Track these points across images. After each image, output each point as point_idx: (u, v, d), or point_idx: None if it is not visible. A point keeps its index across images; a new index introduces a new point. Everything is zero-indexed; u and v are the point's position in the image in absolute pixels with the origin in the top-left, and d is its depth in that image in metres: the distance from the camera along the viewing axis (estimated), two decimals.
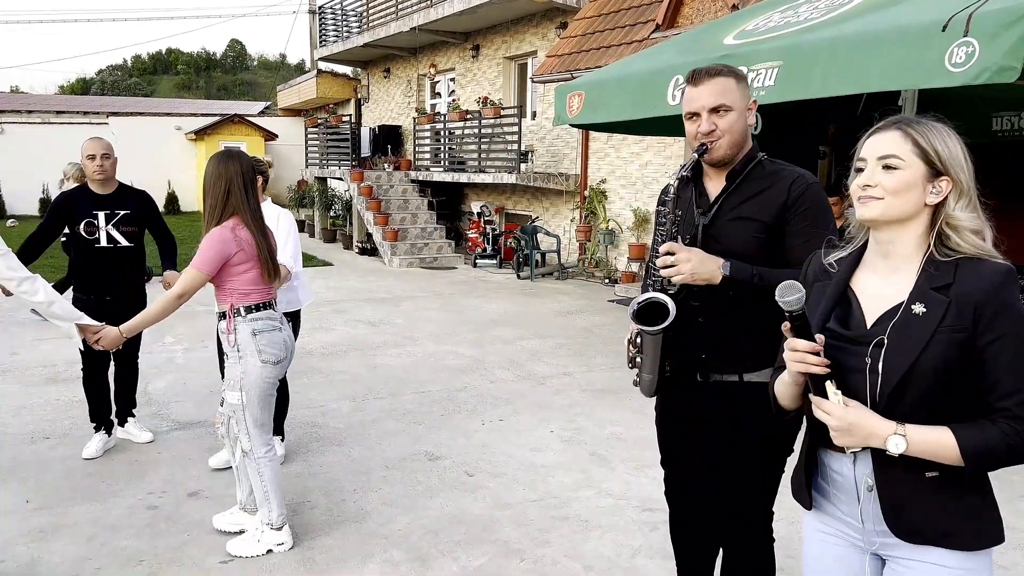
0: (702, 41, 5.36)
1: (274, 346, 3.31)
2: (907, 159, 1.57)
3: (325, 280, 11.54)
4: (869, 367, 1.57)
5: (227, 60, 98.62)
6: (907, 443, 1.50)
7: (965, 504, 1.56)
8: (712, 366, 2.30)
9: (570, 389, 6.00)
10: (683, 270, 2.14)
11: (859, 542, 1.68)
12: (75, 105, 29.27)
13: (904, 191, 1.56)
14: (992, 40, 3.30)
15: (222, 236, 3.19)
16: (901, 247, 1.61)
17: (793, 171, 2.25)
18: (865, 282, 1.66)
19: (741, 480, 2.33)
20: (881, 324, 1.58)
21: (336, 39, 19.83)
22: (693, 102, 2.23)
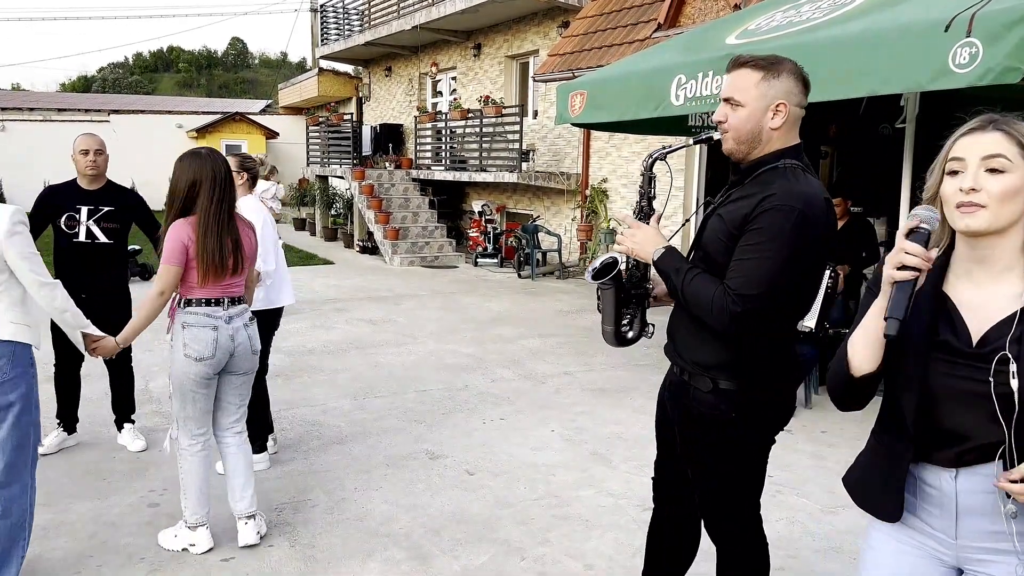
0: (704, 41, 5.36)
1: (199, 343, 3.24)
2: (1015, 161, 1.47)
3: (326, 279, 11.55)
4: (995, 387, 1.45)
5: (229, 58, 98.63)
6: None
7: None
8: (675, 358, 2.34)
9: (571, 388, 6.01)
10: (625, 243, 2.31)
11: (945, 556, 1.61)
12: (76, 103, 29.32)
13: (1012, 196, 1.46)
14: (996, 41, 3.30)
15: (178, 232, 3.21)
16: (1001, 253, 1.51)
17: (781, 187, 2.06)
18: (961, 290, 1.55)
19: (732, 481, 2.33)
20: (995, 340, 1.48)
21: (338, 37, 19.84)
22: (722, 87, 2.22)
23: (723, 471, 2.30)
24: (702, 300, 2.10)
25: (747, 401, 2.19)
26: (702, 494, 2.37)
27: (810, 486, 4.15)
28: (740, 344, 2.16)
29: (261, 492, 3.99)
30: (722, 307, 2.05)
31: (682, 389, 2.30)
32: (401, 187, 15.21)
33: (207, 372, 3.28)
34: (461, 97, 16.05)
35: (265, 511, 3.78)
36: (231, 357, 3.34)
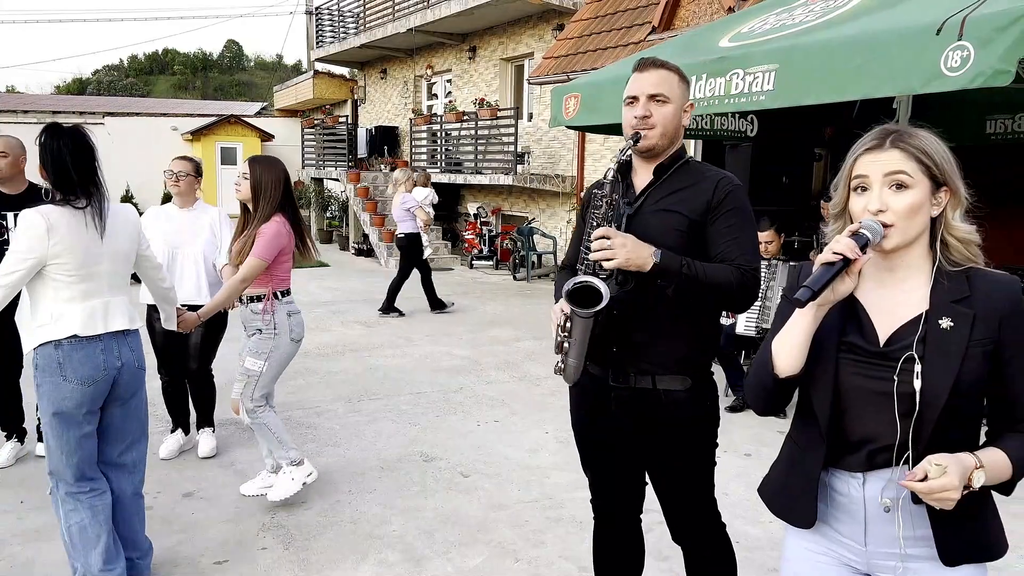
0: (698, 43, 5.37)
1: (300, 327, 3.84)
2: (915, 176, 1.52)
3: (321, 281, 11.54)
4: (898, 386, 1.50)
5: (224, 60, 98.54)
6: (985, 475, 1.46)
7: (990, 512, 1.57)
8: (624, 365, 2.28)
9: (565, 390, 5.96)
10: (618, 255, 2.09)
11: (857, 563, 1.63)
12: (71, 105, 29.25)
13: (916, 211, 1.52)
14: (987, 44, 3.32)
15: (278, 230, 3.62)
16: (908, 260, 1.57)
17: (719, 172, 2.30)
18: (870, 294, 1.60)
19: (684, 483, 2.35)
20: (901, 340, 1.53)
21: (333, 40, 19.83)
22: (634, 86, 2.27)
23: (703, 465, 2.36)
24: (723, 283, 2.15)
25: (712, 393, 2.33)
26: (681, 494, 2.38)
27: None
28: (703, 335, 2.27)
29: (253, 496, 3.99)
30: (743, 284, 2.15)
31: (647, 397, 2.27)
32: None
33: (297, 350, 3.90)
34: (456, 100, 16.05)
35: (259, 514, 3.78)
36: None
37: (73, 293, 2.78)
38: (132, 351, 2.96)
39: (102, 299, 2.84)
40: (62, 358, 2.76)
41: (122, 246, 2.91)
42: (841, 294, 1.54)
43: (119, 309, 2.90)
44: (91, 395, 2.80)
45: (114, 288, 2.89)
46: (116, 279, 2.91)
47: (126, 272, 2.98)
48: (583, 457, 2.55)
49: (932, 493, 1.41)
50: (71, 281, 2.77)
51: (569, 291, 2.15)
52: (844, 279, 1.52)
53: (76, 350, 2.77)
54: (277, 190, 3.68)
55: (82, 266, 2.77)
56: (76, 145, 2.81)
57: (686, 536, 2.45)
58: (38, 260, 2.70)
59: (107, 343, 2.85)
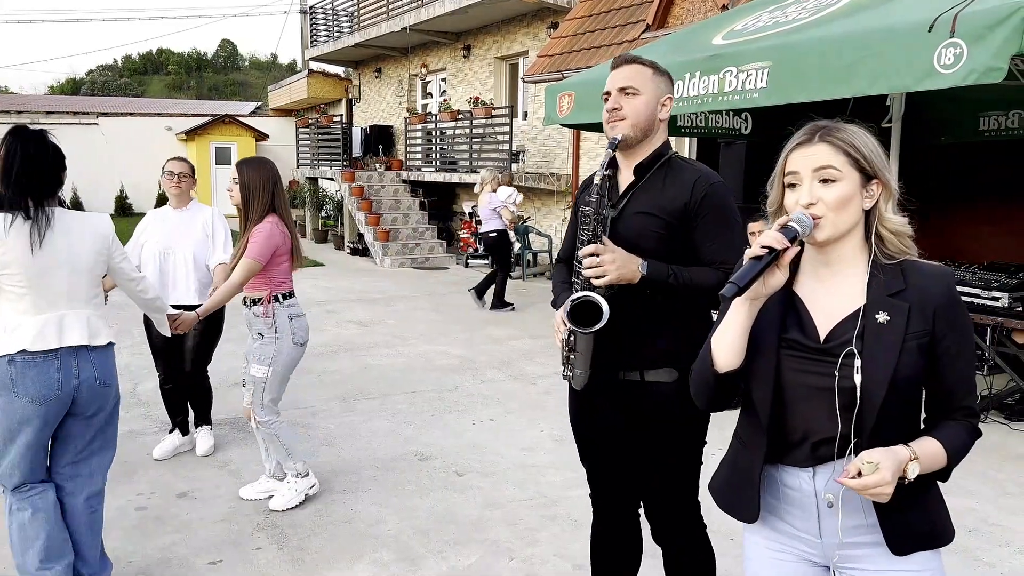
0: (691, 41, 5.38)
1: (303, 330, 3.81)
2: (843, 169, 1.54)
3: (316, 280, 11.52)
4: (839, 382, 1.52)
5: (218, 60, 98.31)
6: (919, 465, 1.48)
7: (934, 502, 1.59)
8: (614, 362, 2.30)
9: (561, 389, 6.01)
10: (608, 271, 2.14)
11: (815, 557, 1.64)
12: (65, 106, 29.15)
13: (846, 204, 1.53)
14: (979, 41, 3.33)
15: (272, 230, 3.60)
16: (844, 254, 1.58)
17: (697, 170, 2.27)
18: (808, 288, 1.61)
19: (668, 477, 2.37)
20: (841, 335, 1.54)
21: (327, 39, 19.80)
22: (608, 83, 2.30)
23: (688, 463, 2.37)
24: (707, 285, 2.18)
25: None
26: (664, 491, 2.38)
27: None
28: (689, 329, 2.24)
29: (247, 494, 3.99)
30: None
31: (636, 390, 2.30)
32: (391, 188, 15.19)
33: (303, 354, 3.85)
34: (451, 98, 16.04)
35: (253, 514, 3.78)
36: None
37: (26, 306, 2.68)
38: (95, 367, 2.79)
39: (57, 313, 2.71)
40: (15, 374, 2.65)
41: (81, 258, 2.76)
42: (773, 287, 1.55)
43: (77, 323, 2.75)
44: (43, 414, 2.69)
45: (73, 302, 2.76)
46: (76, 292, 2.76)
47: (88, 285, 2.81)
48: (580, 451, 2.57)
49: (866, 489, 1.44)
50: (22, 293, 2.67)
51: (569, 310, 2.18)
52: (775, 272, 1.54)
53: (30, 367, 2.65)
54: (266, 191, 3.64)
55: (32, 278, 2.66)
56: (30, 152, 2.68)
57: (666, 535, 2.46)
58: None
59: (64, 360, 2.71)
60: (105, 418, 2.90)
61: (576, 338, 2.26)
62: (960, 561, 3.38)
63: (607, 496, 2.55)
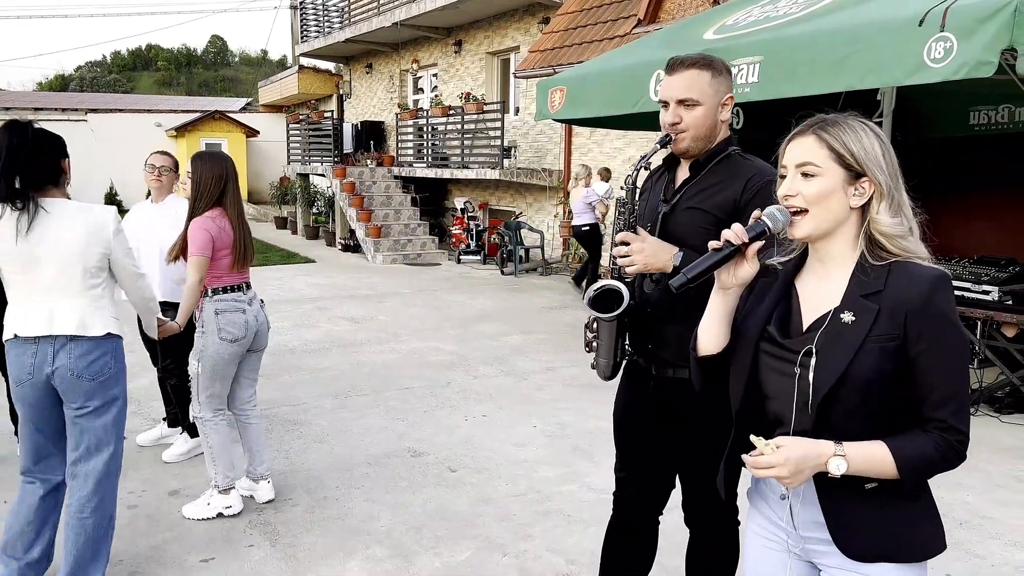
0: (683, 36, 5.37)
1: (233, 326, 3.63)
2: (823, 165, 1.51)
3: (307, 277, 11.49)
4: (798, 376, 1.53)
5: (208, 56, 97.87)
6: (847, 463, 1.46)
7: (908, 514, 1.54)
8: (663, 359, 2.29)
9: (553, 384, 6.01)
10: (636, 260, 2.18)
11: (794, 548, 1.65)
12: (53, 102, 28.99)
13: (825, 199, 1.51)
14: (969, 35, 3.34)
15: (205, 224, 3.57)
16: (835, 251, 1.57)
17: (753, 167, 2.22)
18: (806, 284, 1.62)
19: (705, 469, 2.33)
20: (812, 332, 1.54)
21: (318, 34, 19.73)
22: (664, 90, 2.25)
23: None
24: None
25: None
26: (708, 474, 2.33)
27: None
28: None
29: None
30: None
31: (682, 387, 2.25)
32: (383, 185, 15.16)
33: (239, 351, 3.68)
34: (442, 94, 16.00)
35: (245, 511, 3.76)
36: (255, 336, 3.73)
37: (18, 293, 2.78)
38: (71, 358, 2.78)
39: (47, 301, 2.76)
40: (6, 355, 2.83)
41: (70, 249, 2.76)
42: (743, 279, 1.57)
43: (68, 313, 2.77)
44: (20, 395, 2.81)
45: (66, 291, 2.77)
46: (68, 282, 2.77)
47: (82, 276, 2.80)
48: (619, 445, 2.53)
49: (758, 467, 1.47)
50: (13, 281, 2.77)
51: (592, 297, 2.22)
52: (741, 264, 1.56)
53: (11, 348, 2.79)
54: (217, 187, 3.61)
55: (21, 266, 2.73)
56: (14, 144, 2.71)
57: (697, 520, 2.45)
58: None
59: (41, 347, 2.76)
60: (92, 417, 2.85)
61: (599, 325, 2.28)
62: (950, 554, 3.40)
63: (634, 496, 2.51)
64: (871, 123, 1.57)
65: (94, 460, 2.89)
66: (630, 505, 2.52)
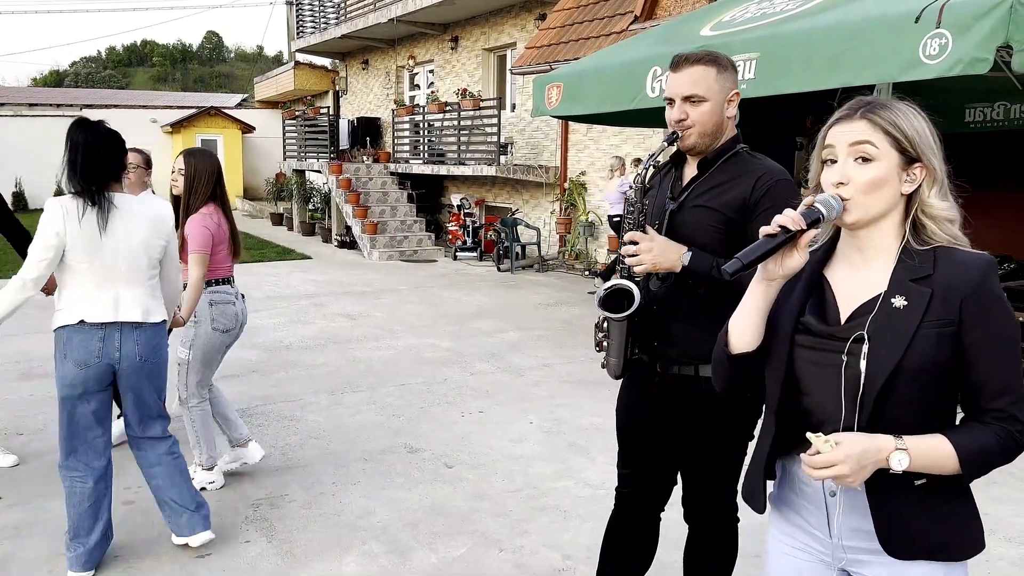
0: (679, 32, 5.37)
1: (225, 317, 3.82)
2: (881, 147, 1.44)
3: (303, 274, 11.48)
4: (845, 366, 1.44)
5: (204, 52, 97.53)
6: (909, 458, 1.38)
7: (955, 511, 1.48)
8: (668, 357, 2.30)
9: (550, 380, 6.02)
10: (644, 260, 2.17)
11: (826, 556, 1.57)
12: (48, 98, 28.87)
13: (880, 186, 1.44)
14: (964, 32, 3.34)
15: (204, 221, 3.70)
16: (877, 239, 1.49)
17: (763, 166, 2.22)
18: (839, 274, 1.54)
19: (710, 467, 2.37)
20: (857, 319, 1.46)
21: (314, 30, 19.69)
22: (670, 87, 2.24)
23: (736, 443, 2.35)
24: None
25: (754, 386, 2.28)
26: (712, 469, 2.37)
27: None
28: None
29: (237, 487, 3.98)
30: None
31: (687, 384, 2.28)
32: (379, 181, 15.14)
33: (229, 341, 3.89)
34: (439, 90, 15.99)
35: (241, 507, 3.76)
36: (240, 328, 3.93)
37: (87, 283, 2.94)
38: (137, 344, 3.03)
39: (113, 290, 2.97)
40: (65, 339, 2.95)
41: (138, 241, 3.01)
42: (790, 269, 1.47)
43: (133, 301, 3.01)
44: (82, 378, 2.95)
45: (130, 281, 3.01)
46: (133, 273, 3.02)
47: (146, 266, 3.06)
48: (621, 442, 2.52)
49: (816, 466, 1.38)
50: (84, 270, 2.93)
51: (602, 297, 2.23)
52: (792, 254, 1.45)
53: (76, 333, 2.94)
54: (211, 182, 3.77)
55: (95, 258, 2.92)
56: (92, 143, 2.94)
57: (699, 519, 2.46)
58: (59, 247, 2.89)
59: (108, 332, 2.97)
60: (150, 392, 3.14)
61: (609, 324, 2.30)
62: None
63: (636, 492, 2.51)
64: (915, 105, 1.50)
65: (157, 424, 3.22)
66: (632, 501, 2.52)
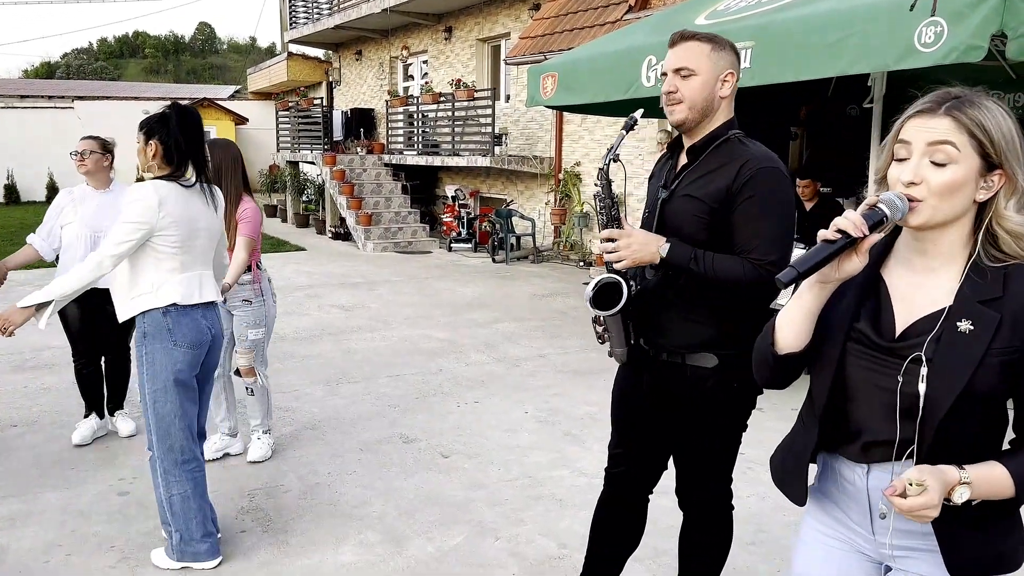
0: (674, 21, 5.35)
1: (275, 293, 4.26)
2: (963, 150, 1.33)
3: (298, 265, 11.45)
4: (902, 385, 1.38)
5: (196, 43, 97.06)
6: (970, 491, 1.34)
7: (1005, 526, 1.45)
8: (657, 344, 2.31)
9: (545, 370, 6.02)
10: (623, 256, 2.16)
11: (867, 550, 1.55)
12: (40, 89, 28.73)
13: (954, 191, 1.34)
14: (959, 19, 3.34)
15: (257, 208, 3.99)
16: (944, 246, 1.39)
17: (749, 152, 2.16)
18: (897, 277, 1.45)
19: (699, 458, 2.38)
20: (915, 335, 1.39)
21: (307, 21, 19.57)
22: (666, 62, 2.23)
23: (726, 434, 2.35)
24: (732, 277, 2.12)
25: (744, 367, 2.26)
26: (702, 458, 2.38)
27: None
28: (733, 316, 2.21)
29: (233, 479, 3.97)
30: (757, 277, 2.09)
31: (675, 371, 2.29)
32: (373, 172, 15.09)
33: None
34: (432, 81, 15.92)
35: (237, 497, 3.76)
36: None
37: (174, 264, 2.99)
38: (216, 322, 3.19)
39: (197, 272, 3.07)
40: (171, 324, 2.97)
41: (216, 225, 3.15)
42: (847, 274, 1.39)
43: (210, 282, 3.12)
44: (195, 359, 3.05)
45: (206, 262, 3.13)
46: (209, 254, 3.14)
47: (216, 247, 3.20)
48: (616, 424, 2.55)
49: (911, 512, 1.32)
50: (173, 253, 2.97)
51: (592, 295, 2.24)
52: (851, 258, 1.37)
53: (183, 315, 3.00)
54: (236, 169, 3.92)
55: (184, 240, 2.99)
56: (189, 125, 3.01)
57: (689, 509, 2.48)
58: (148, 231, 2.90)
59: (204, 312, 3.09)
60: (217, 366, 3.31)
61: (605, 320, 2.29)
62: None
63: (627, 473, 2.52)
64: (1005, 105, 1.39)
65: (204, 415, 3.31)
66: (622, 480, 2.53)
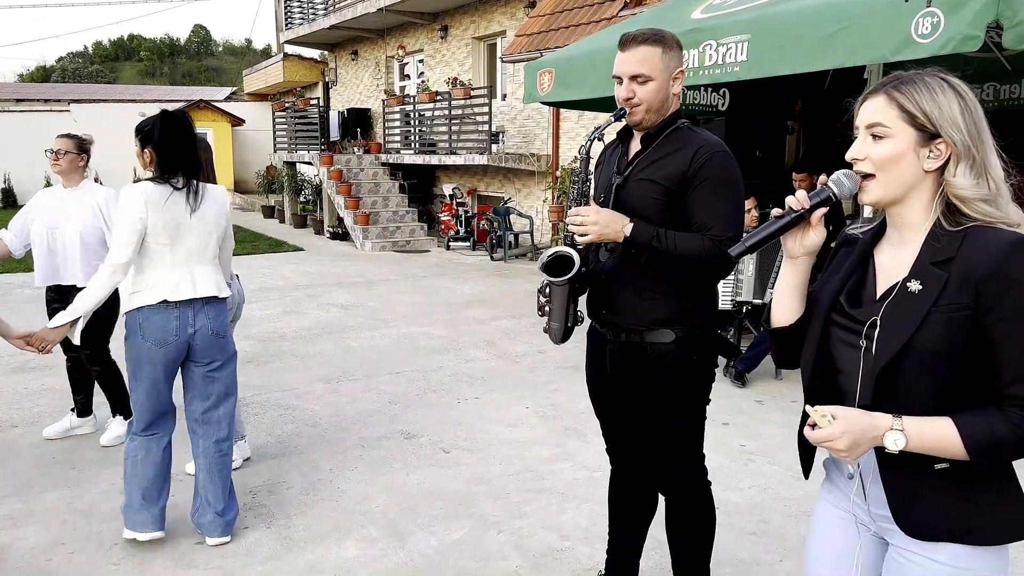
0: (670, 16, 5.36)
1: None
2: (893, 126, 1.43)
3: (296, 265, 11.45)
4: (864, 349, 1.47)
5: (191, 46, 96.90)
6: (906, 439, 1.38)
7: (984, 495, 1.43)
8: (616, 325, 2.41)
9: (545, 366, 6.03)
10: (590, 231, 2.27)
11: (867, 523, 1.58)
12: (35, 93, 28.69)
13: (894, 163, 1.43)
14: (956, 10, 3.35)
15: None
16: (909, 217, 1.48)
17: (701, 139, 2.30)
18: (884, 254, 1.54)
19: (663, 438, 2.46)
20: (881, 302, 1.47)
21: (302, 22, 19.56)
22: (618, 66, 2.33)
23: (690, 411, 2.44)
24: (693, 252, 2.23)
25: (702, 343, 2.38)
26: (668, 437, 2.45)
27: (780, 454, 4.22)
28: (690, 293, 2.34)
29: (235, 477, 3.96)
30: (716, 255, 2.20)
31: (634, 350, 2.39)
32: (370, 172, 15.09)
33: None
34: (429, 80, 15.92)
35: (240, 494, 3.76)
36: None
37: (160, 263, 3.08)
38: (209, 319, 3.19)
39: (189, 269, 3.13)
40: (142, 320, 3.08)
41: (210, 222, 3.19)
42: (810, 247, 1.54)
43: (206, 278, 3.17)
44: (160, 356, 3.10)
45: (202, 260, 3.18)
46: (205, 252, 3.19)
47: (214, 246, 3.23)
48: (595, 409, 2.69)
49: (817, 442, 1.41)
50: (164, 251, 3.07)
51: (545, 262, 2.37)
52: (807, 232, 1.52)
53: (154, 313, 3.07)
54: (212, 171, 3.74)
55: (177, 240, 3.08)
56: (177, 131, 3.10)
57: (668, 487, 2.55)
58: (143, 228, 3.01)
59: (182, 311, 3.12)
60: (222, 368, 3.28)
61: (551, 290, 2.42)
62: None
63: (619, 450, 2.67)
64: (954, 79, 1.47)
65: (224, 406, 3.32)
66: (621, 462, 2.69)
